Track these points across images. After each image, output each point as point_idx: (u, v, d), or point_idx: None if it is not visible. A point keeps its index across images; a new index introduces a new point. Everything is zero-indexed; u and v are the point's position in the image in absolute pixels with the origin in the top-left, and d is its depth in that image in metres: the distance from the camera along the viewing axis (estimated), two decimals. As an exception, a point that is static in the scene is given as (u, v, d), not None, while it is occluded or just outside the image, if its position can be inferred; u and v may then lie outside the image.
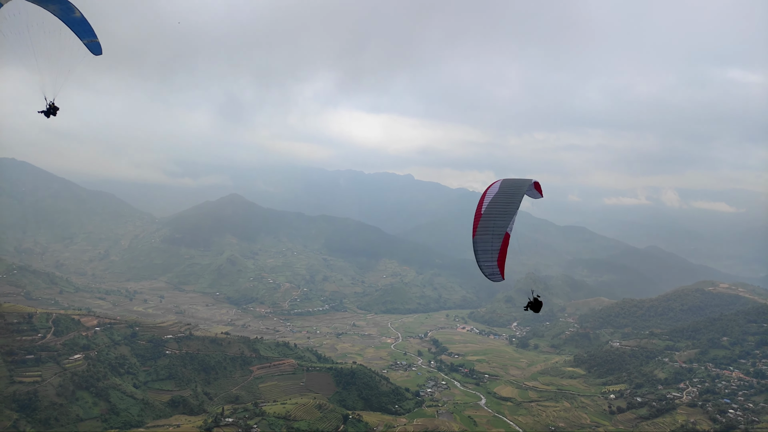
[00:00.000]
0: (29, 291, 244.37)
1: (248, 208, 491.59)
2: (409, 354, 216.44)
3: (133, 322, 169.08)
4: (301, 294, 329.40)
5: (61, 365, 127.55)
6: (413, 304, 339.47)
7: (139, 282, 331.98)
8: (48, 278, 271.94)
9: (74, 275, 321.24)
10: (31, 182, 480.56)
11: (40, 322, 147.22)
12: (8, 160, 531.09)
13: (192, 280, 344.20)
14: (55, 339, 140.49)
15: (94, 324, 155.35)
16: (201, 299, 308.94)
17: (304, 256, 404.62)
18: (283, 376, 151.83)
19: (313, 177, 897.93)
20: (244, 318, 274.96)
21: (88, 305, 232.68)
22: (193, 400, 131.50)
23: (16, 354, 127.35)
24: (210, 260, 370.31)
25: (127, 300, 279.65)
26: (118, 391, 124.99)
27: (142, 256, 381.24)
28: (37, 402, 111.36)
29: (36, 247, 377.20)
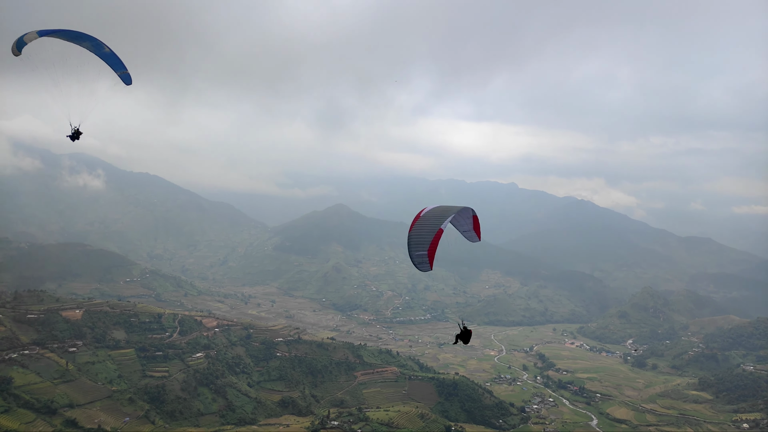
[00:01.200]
0: (159, 293, 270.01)
1: (353, 218, 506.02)
2: (514, 368, 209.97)
3: (248, 324, 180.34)
4: (403, 302, 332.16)
5: (185, 362, 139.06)
6: (517, 316, 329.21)
7: (253, 287, 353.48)
8: (175, 282, 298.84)
9: (197, 279, 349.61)
10: (162, 194, 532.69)
11: (167, 322, 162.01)
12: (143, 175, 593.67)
13: (300, 286, 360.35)
14: (180, 338, 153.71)
15: (214, 325, 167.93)
16: (309, 305, 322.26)
17: (405, 265, 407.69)
18: (386, 383, 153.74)
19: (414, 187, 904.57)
20: (348, 324, 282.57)
21: (209, 307, 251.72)
22: (301, 401, 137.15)
23: (148, 350, 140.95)
24: (317, 267, 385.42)
25: (242, 303, 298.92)
26: (234, 389, 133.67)
27: (256, 262, 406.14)
28: (165, 395, 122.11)
29: (165, 253, 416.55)
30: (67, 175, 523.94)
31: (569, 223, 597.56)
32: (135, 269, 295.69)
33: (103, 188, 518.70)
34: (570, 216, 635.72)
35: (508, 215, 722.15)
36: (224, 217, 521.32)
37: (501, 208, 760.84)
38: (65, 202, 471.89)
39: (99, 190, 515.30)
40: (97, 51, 20.48)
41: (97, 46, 20.25)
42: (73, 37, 19.02)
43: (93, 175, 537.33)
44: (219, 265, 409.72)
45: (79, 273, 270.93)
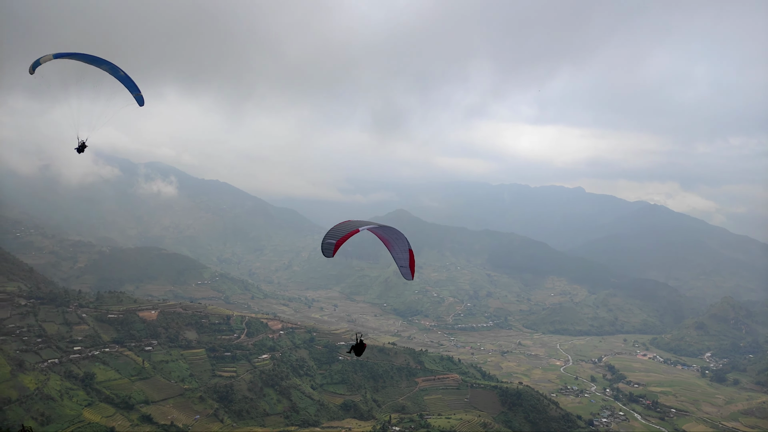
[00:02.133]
0: (228, 296, 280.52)
1: (413, 223, 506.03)
2: (581, 379, 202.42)
3: (311, 327, 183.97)
4: (465, 309, 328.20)
5: (252, 363, 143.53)
6: (585, 325, 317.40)
7: (317, 291, 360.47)
8: (242, 285, 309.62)
9: (263, 283, 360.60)
10: (231, 201, 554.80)
11: (236, 323, 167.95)
12: (213, 182, 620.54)
13: (362, 291, 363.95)
14: (247, 339, 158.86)
15: (279, 328, 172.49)
16: (370, 309, 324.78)
17: (467, 271, 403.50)
18: (447, 390, 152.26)
19: (476, 191, 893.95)
20: (409, 330, 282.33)
21: (274, 310, 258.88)
22: (363, 405, 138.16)
23: (217, 351, 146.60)
24: (378, 272, 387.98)
25: (306, 307, 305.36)
26: (298, 390, 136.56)
27: (319, 267, 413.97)
28: (233, 395, 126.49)
29: (233, 257, 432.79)
30: (143, 182, 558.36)
31: (641, 228, 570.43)
32: (206, 272, 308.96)
33: (176, 195, 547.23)
34: (642, 221, 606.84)
35: (574, 220, 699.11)
36: (289, 223, 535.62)
37: (566, 213, 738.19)
38: (143, 209, 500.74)
39: (172, 196, 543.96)
40: (114, 73, 21.67)
41: (114, 69, 21.44)
42: (89, 60, 20.36)
43: (166, 182, 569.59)
44: (284, 269, 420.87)
45: (155, 276, 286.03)
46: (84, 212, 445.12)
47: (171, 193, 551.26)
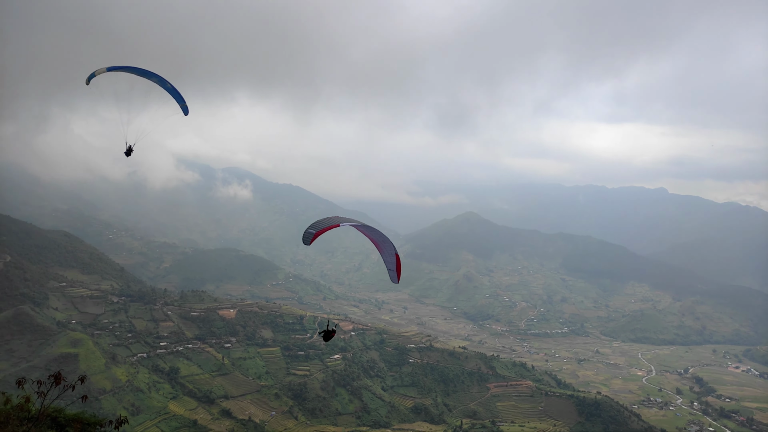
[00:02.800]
0: (301, 296, 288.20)
1: (483, 226, 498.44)
2: (665, 391, 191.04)
3: (382, 329, 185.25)
4: (538, 314, 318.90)
5: (324, 363, 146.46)
6: (669, 334, 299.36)
7: (386, 293, 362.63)
8: (315, 286, 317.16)
9: (334, 284, 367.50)
10: (303, 203, 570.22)
11: (308, 323, 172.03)
12: (287, 186, 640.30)
13: (431, 294, 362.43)
14: (320, 339, 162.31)
15: (350, 329, 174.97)
16: (440, 312, 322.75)
17: (540, 275, 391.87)
18: (520, 397, 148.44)
19: (549, 193, 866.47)
20: (480, 334, 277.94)
21: (345, 311, 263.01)
22: (433, 409, 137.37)
23: (291, 349, 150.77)
24: (448, 276, 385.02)
25: (376, 309, 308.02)
26: (369, 391, 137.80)
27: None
28: (306, 393, 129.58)
29: (306, 259, 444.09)
30: (221, 186, 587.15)
31: (731, 231, 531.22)
32: (280, 273, 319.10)
33: (251, 198, 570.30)
34: (732, 224, 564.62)
35: (656, 223, 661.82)
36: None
37: (648, 215, 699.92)
38: (221, 212, 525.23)
39: (248, 200, 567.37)
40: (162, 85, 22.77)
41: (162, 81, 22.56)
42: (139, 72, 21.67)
43: (242, 186, 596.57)
44: (354, 271, 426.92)
45: (233, 276, 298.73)
46: (168, 215, 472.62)
47: (247, 196, 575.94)
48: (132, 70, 22.15)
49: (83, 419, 23.79)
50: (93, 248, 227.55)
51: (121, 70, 21.88)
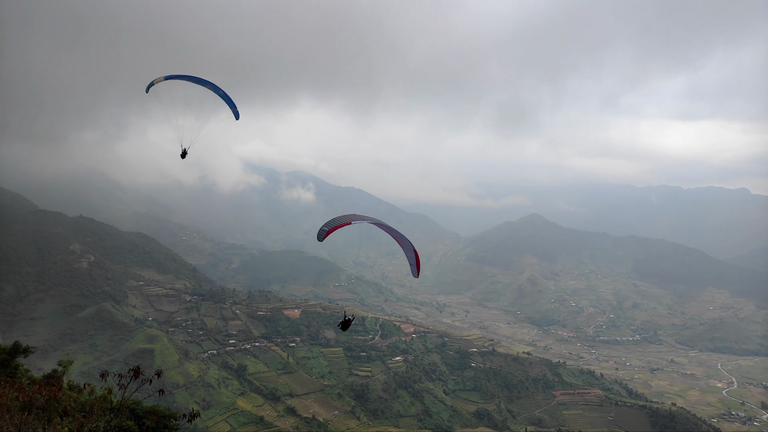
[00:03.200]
0: (363, 297, 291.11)
1: (548, 228, 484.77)
2: (749, 404, 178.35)
3: (443, 333, 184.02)
4: (607, 320, 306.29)
5: (386, 364, 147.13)
6: (753, 344, 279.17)
7: (448, 296, 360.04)
8: (376, 288, 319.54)
9: (396, 286, 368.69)
10: (365, 206, 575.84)
11: (370, 324, 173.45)
12: (349, 189, 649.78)
13: (494, 298, 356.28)
14: (381, 341, 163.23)
15: (411, 331, 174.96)
16: (502, 317, 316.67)
17: (609, 280, 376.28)
18: (588, 406, 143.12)
19: (618, 194, 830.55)
20: (545, 339, 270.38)
21: (407, 314, 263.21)
22: (496, 415, 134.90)
23: (354, 350, 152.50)
24: (511, 279, 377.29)
25: (437, 312, 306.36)
26: (431, 395, 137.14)
27: (449, 272, 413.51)
28: (368, 394, 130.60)
29: (368, 261, 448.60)
30: (285, 189, 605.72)
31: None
32: (342, 275, 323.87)
33: (315, 201, 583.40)
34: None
35: (736, 226, 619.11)
36: (420, 228, 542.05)
37: (728, 217, 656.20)
38: (286, 214, 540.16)
39: (312, 202, 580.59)
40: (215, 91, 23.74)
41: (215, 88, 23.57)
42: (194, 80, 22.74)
43: (305, 189, 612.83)
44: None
45: (298, 277, 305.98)
46: (236, 217, 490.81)
47: (310, 199, 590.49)
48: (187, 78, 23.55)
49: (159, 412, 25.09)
50: (168, 249, 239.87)
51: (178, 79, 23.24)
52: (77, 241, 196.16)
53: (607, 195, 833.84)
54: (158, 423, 31.04)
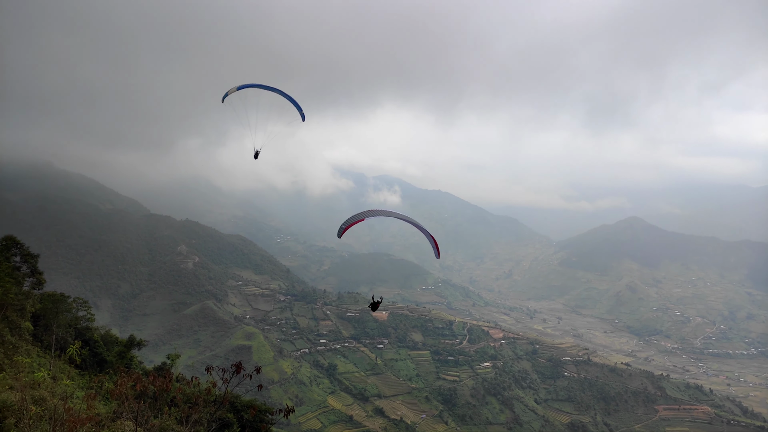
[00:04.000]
0: (450, 301, 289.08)
1: (649, 232, 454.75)
2: None
3: (534, 339, 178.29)
4: (717, 332, 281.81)
5: (474, 370, 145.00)
6: None
7: (539, 302, 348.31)
8: (464, 292, 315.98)
9: (484, 290, 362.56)
10: (452, 209, 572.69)
11: (458, 329, 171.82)
12: (435, 192, 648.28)
13: (589, 305, 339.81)
14: (469, 346, 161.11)
15: (500, 336, 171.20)
16: (598, 325, 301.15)
17: (720, 288, 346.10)
18: (695, 423, 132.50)
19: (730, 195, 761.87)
20: (646, 350, 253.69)
21: (495, 319, 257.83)
22: (592, 427, 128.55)
23: (441, 354, 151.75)
24: (607, 285, 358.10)
25: (527, 317, 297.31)
26: (521, 403, 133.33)
27: (540, 277, 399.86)
28: (456, 398, 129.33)
29: (455, 264, 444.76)
30: (372, 192, 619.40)
31: None
32: (429, 278, 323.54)
33: (401, 204, 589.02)
34: None
35: None
36: (509, 231, 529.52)
37: None
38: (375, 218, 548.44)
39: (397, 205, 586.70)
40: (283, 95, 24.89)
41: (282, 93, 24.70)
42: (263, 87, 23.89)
43: (391, 192, 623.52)
44: (504, 278, 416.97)
45: (385, 279, 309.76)
46: (326, 220, 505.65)
47: (396, 202, 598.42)
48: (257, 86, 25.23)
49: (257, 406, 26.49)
50: (264, 251, 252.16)
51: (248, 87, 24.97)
52: (184, 243, 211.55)
53: (717, 196, 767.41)
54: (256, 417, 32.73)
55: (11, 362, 27.93)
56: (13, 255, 37.92)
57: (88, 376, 38.29)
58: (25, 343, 35.13)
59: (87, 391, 26.67)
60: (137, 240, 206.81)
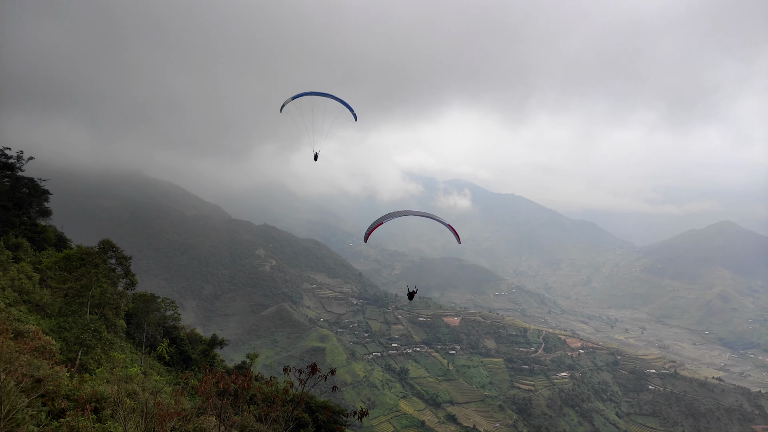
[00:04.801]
0: (524, 308, 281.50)
1: (744, 237, 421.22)
2: None
3: (615, 350, 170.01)
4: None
5: (550, 379, 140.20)
6: None
7: (620, 310, 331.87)
8: (538, 298, 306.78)
9: (560, 298, 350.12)
10: (526, 213, 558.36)
11: (532, 337, 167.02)
12: (509, 196, 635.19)
13: (675, 314, 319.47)
14: (545, 354, 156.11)
15: (578, 346, 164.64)
16: (686, 336, 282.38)
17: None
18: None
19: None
20: (741, 365, 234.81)
21: (572, 327, 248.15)
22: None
23: (515, 362, 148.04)
24: (696, 294, 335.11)
25: (607, 327, 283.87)
26: (601, 416, 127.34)
27: (622, 284, 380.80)
28: (531, 408, 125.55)
29: (529, 270, 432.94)
30: (441, 196, 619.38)
31: None
32: (502, 284, 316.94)
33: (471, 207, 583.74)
34: None
35: None
36: (586, 236, 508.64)
37: None
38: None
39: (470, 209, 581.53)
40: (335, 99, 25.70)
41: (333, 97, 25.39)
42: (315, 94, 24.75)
43: (461, 195, 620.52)
44: (582, 284, 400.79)
45: (457, 284, 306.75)
46: (397, 225, 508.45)
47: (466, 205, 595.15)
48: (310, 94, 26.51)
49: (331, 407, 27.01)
50: (337, 255, 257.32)
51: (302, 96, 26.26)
52: (262, 246, 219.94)
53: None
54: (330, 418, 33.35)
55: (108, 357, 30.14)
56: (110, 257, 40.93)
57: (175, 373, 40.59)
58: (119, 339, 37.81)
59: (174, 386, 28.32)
60: (219, 244, 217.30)
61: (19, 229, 47.01)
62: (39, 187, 54.24)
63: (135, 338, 43.08)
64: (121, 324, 37.76)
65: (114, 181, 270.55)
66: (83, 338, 30.33)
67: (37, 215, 54.53)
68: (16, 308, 27.89)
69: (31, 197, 53.11)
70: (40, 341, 16.47)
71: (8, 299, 29.95)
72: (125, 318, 40.35)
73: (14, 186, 51.36)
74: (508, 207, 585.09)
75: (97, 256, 37.36)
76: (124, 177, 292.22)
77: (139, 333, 43.18)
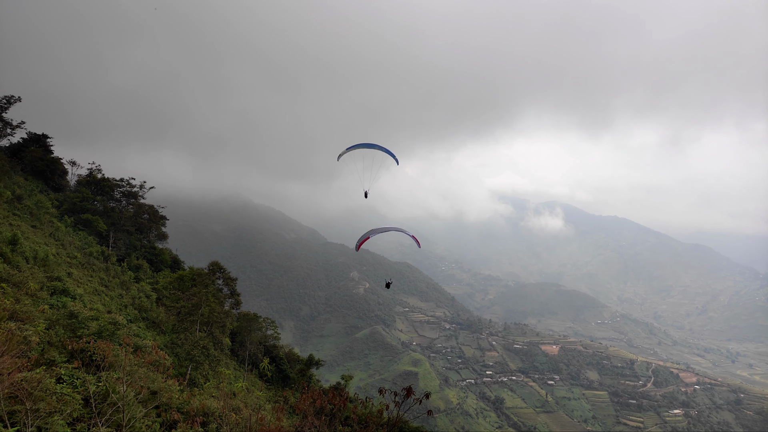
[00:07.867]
0: (630, 338, 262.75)
1: None
2: None
3: (737, 387, 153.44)
4: None
5: (661, 417, 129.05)
6: None
7: (742, 343, 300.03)
8: (647, 328, 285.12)
9: (671, 328, 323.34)
10: (630, 236, 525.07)
11: (640, 369, 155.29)
12: (611, 218, 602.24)
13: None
14: (654, 389, 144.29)
15: (693, 381, 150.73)
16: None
17: None
18: None
19: None
20: None
21: (686, 360, 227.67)
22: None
23: (621, 396, 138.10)
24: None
25: (727, 361, 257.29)
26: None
27: (744, 314, 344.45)
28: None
29: (635, 297, 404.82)
30: (531, 216, 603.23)
31: None
32: (605, 311, 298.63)
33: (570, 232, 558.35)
34: None
35: None
36: (701, 261, 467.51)
37: None
38: (541, 246, 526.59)
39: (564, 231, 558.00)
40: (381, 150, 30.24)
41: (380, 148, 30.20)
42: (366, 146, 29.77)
43: (552, 215, 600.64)
44: (696, 314, 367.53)
45: (555, 311, 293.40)
46: (488, 248, 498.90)
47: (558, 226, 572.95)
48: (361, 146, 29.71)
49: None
50: (429, 278, 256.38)
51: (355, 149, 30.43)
52: (356, 269, 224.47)
53: None
54: (423, 444, 32.96)
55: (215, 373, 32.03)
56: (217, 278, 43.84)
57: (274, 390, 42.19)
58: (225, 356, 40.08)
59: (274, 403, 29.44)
60: (316, 266, 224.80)
61: (140, 251, 51.86)
62: (158, 213, 59.80)
63: (238, 356, 45.42)
64: (226, 341, 40.04)
65: (217, 206, 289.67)
66: (193, 354, 32.59)
67: (155, 239, 59.91)
68: (136, 324, 30.55)
69: (151, 222, 58.51)
70: (157, 356, 17.87)
71: (130, 316, 32.96)
72: (230, 336, 42.78)
73: (137, 212, 56.98)
74: (610, 229, 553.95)
75: (207, 277, 40.13)
76: (225, 202, 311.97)
77: (243, 350, 45.47)
